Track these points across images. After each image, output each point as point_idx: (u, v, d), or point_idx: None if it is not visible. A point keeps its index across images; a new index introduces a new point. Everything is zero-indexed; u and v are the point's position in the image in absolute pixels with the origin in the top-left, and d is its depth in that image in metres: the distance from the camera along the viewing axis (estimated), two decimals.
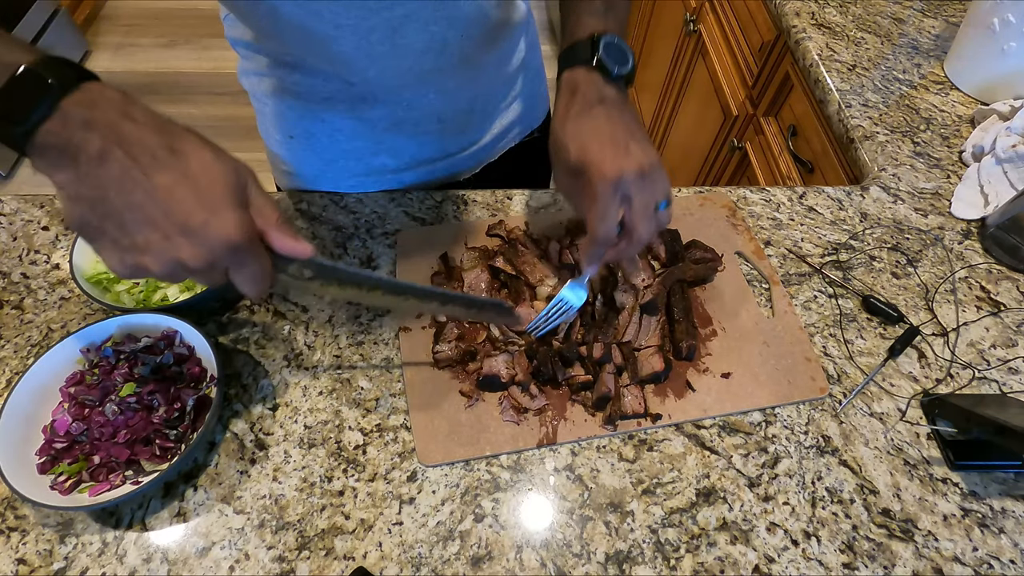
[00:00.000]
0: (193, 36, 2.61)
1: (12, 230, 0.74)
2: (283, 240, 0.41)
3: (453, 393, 0.62)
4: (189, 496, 0.56)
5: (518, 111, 0.87)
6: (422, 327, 0.67)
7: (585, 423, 0.61)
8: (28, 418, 0.56)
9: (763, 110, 1.22)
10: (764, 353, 0.66)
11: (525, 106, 0.88)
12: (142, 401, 0.57)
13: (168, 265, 0.37)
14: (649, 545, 0.55)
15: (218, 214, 0.37)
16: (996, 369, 0.67)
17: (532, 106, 0.90)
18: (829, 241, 0.77)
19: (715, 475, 0.59)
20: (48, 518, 0.54)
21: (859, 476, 0.59)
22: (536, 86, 0.89)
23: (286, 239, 0.41)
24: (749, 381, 0.64)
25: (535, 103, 0.90)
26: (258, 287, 0.41)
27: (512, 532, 0.55)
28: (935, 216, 0.81)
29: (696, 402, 0.62)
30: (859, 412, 0.63)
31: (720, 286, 0.72)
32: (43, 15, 2.20)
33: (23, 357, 0.63)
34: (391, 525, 0.55)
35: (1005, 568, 0.55)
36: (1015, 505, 0.58)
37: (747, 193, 0.82)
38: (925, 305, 0.72)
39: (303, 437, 0.59)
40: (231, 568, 0.52)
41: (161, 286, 0.67)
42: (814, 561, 0.54)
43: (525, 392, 0.61)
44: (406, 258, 0.72)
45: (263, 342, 0.66)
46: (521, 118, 0.88)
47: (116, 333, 0.61)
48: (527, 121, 0.90)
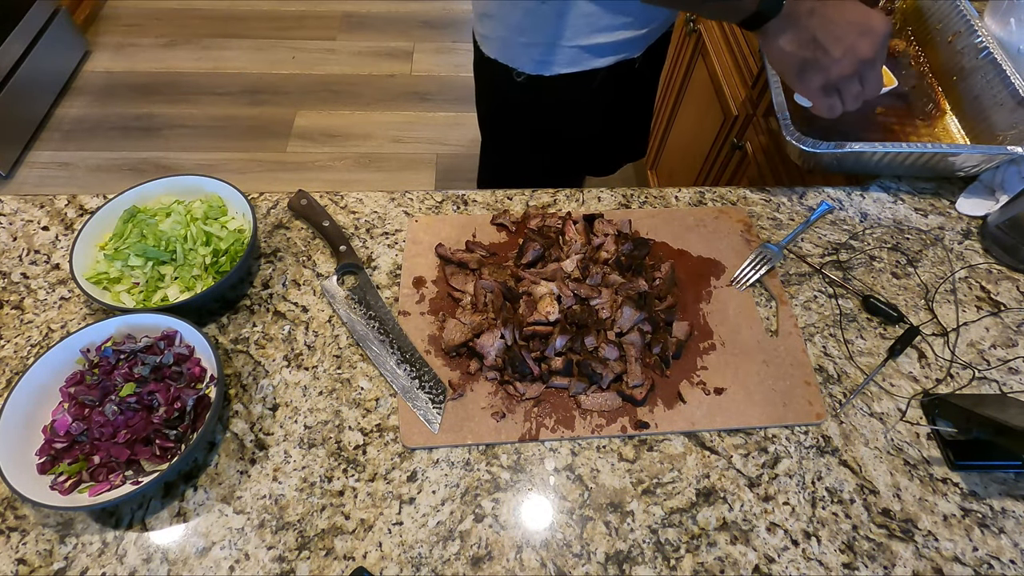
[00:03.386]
0: (193, 36, 2.61)
1: (12, 230, 0.74)
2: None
3: (443, 382, 0.63)
4: (189, 496, 0.56)
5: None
6: (420, 313, 0.68)
7: (572, 421, 0.61)
8: (28, 418, 0.56)
9: (763, 110, 1.21)
10: (762, 372, 0.65)
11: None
12: (142, 401, 0.57)
13: (852, 64, 0.63)
14: (649, 545, 0.55)
15: (872, 16, 0.63)
16: (996, 369, 0.67)
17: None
18: (829, 241, 0.77)
19: (715, 475, 0.59)
20: (48, 518, 0.54)
21: (859, 476, 0.59)
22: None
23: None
24: (742, 399, 0.63)
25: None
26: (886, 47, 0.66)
27: (512, 532, 0.55)
28: (935, 216, 0.81)
29: (685, 415, 0.62)
30: (859, 412, 0.63)
31: (725, 300, 0.71)
32: (43, 15, 2.20)
33: (23, 357, 0.63)
34: (391, 525, 0.55)
35: (1005, 568, 0.55)
36: (1015, 505, 0.58)
37: (747, 193, 0.82)
38: (925, 305, 0.72)
39: (303, 437, 0.59)
40: (231, 568, 0.52)
41: (161, 286, 0.67)
42: (814, 561, 0.54)
43: (515, 381, 0.62)
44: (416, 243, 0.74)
45: (263, 342, 0.66)
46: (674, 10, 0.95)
47: (116, 333, 0.61)
48: (675, 12, 0.95)
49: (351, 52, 2.60)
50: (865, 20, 0.63)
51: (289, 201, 0.76)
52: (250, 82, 2.46)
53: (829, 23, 0.62)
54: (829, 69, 0.64)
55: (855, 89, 0.66)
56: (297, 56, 2.57)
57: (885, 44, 0.64)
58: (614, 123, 1.06)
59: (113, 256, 0.67)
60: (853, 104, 0.67)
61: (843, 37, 0.62)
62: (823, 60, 0.63)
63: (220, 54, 2.56)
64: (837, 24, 0.62)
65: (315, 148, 2.27)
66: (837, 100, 0.67)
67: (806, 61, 0.64)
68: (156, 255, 0.67)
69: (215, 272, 0.68)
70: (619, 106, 1.02)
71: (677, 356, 0.66)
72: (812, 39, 0.63)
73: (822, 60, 0.63)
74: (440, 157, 2.26)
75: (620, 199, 0.81)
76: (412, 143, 2.31)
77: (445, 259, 0.72)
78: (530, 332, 0.64)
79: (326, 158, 2.25)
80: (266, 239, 0.74)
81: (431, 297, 0.69)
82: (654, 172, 1.92)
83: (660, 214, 0.79)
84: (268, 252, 0.73)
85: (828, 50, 0.63)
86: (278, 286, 0.70)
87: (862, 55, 0.63)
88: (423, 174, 2.22)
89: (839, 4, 0.63)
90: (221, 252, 0.69)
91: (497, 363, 0.63)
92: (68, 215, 0.75)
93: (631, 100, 1.05)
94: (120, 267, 0.66)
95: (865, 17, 0.63)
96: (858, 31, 0.62)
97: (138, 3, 2.72)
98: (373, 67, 2.55)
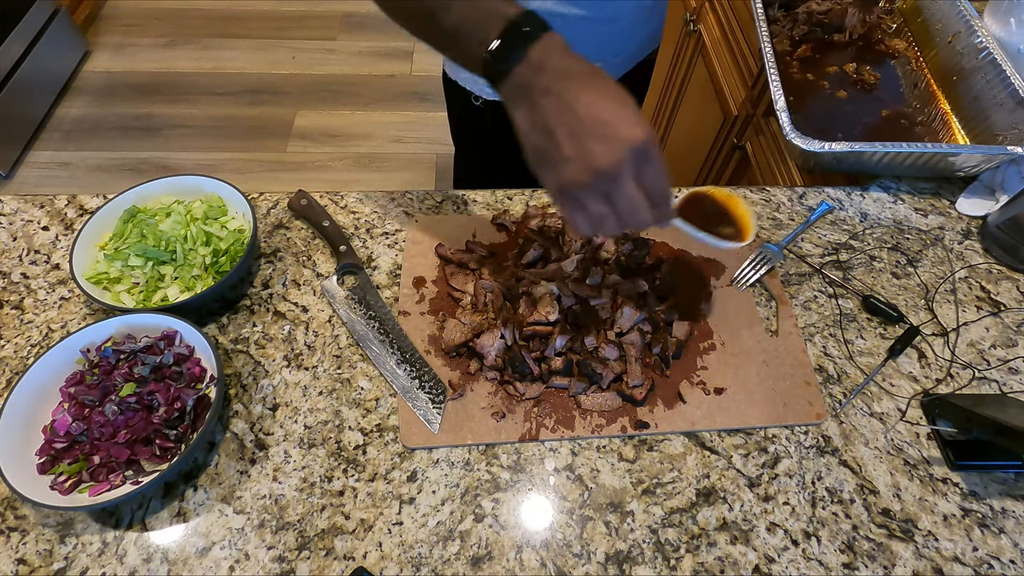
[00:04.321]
0: (193, 36, 2.60)
1: (12, 230, 0.74)
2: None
3: (443, 382, 0.63)
4: (189, 496, 0.56)
5: (657, 24, 0.91)
6: (420, 313, 0.68)
7: (572, 421, 0.61)
8: (28, 418, 0.56)
9: (763, 110, 1.21)
10: (762, 372, 0.65)
11: (660, 21, 0.91)
12: (142, 401, 0.57)
13: (585, 172, 0.45)
14: (649, 545, 0.55)
15: (625, 119, 0.44)
16: (996, 369, 0.67)
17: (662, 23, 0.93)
18: (829, 241, 0.77)
19: (715, 475, 0.59)
20: (48, 518, 0.54)
21: (859, 476, 0.59)
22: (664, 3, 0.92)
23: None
24: (742, 399, 0.63)
25: (662, 21, 0.93)
26: (664, 183, 0.48)
27: (512, 532, 0.55)
28: (935, 216, 0.81)
29: (685, 414, 0.62)
30: (859, 412, 0.63)
31: (725, 300, 0.71)
32: (43, 15, 2.20)
33: (23, 357, 0.63)
34: (391, 525, 0.55)
35: (1005, 568, 0.55)
36: (1015, 505, 0.58)
37: (747, 193, 0.82)
38: (925, 305, 0.72)
39: (303, 437, 0.59)
40: (231, 568, 0.52)
41: (161, 286, 0.67)
42: (814, 561, 0.54)
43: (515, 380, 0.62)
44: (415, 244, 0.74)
45: (263, 342, 0.66)
46: (655, 33, 0.92)
47: (116, 333, 0.61)
48: (657, 36, 0.94)
49: (351, 52, 2.60)
50: (613, 121, 0.44)
51: (289, 201, 0.76)
52: (250, 82, 2.46)
53: (566, 111, 0.45)
54: (559, 169, 0.46)
55: (596, 208, 0.47)
56: (297, 56, 2.57)
57: (639, 161, 0.45)
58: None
59: (113, 256, 0.67)
60: (608, 228, 0.49)
61: (579, 134, 0.45)
62: (554, 155, 0.46)
63: (220, 54, 2.56)
64: (576, 116, 0.44)
65: (315, 148, 2.27)
66: (581, 215, 0.48)
67: (539, 150, 0.47)
68: (156, 255, 0.67)
69: (215, 272, 0.68)
70: None
71: (677, 356, 0.66)
72: (544, 125, 0.46)
73: (553, 155, 0.46)
74: (440, 157, 2.26)
75: None
76: (412, 143, 2.31)
77: (445, 259, 0.72)
78: (530, 332, 0.64)
79: (326, 158, 2.24)
80: (266, 239, 0.74)
81: (431, 297, 0.69)
82: None
83: None
84: (268, 252, 0.73)
85: (560, 145, 0.45)
86: (278, 286, 0.70)
87: (597, 164, 0.44)
88: (423, 174, 2.22)
89: (591, 89, 0.45)
90: (221, 252, 0.69)
91: (497, 363, 0.63)
92: (68, 215, 0.75)
93: None
94: (120, 267, 0.66)
95: (616, 117, 0.44)
96: (599, 132, 0.44)
97: (138, 3, 2.72)
98: (373, 67, 2.55)
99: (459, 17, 0.49)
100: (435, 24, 0.51)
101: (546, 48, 0.46)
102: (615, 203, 0.47)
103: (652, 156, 0.46)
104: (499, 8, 0.47)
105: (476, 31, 0.48)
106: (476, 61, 0.48)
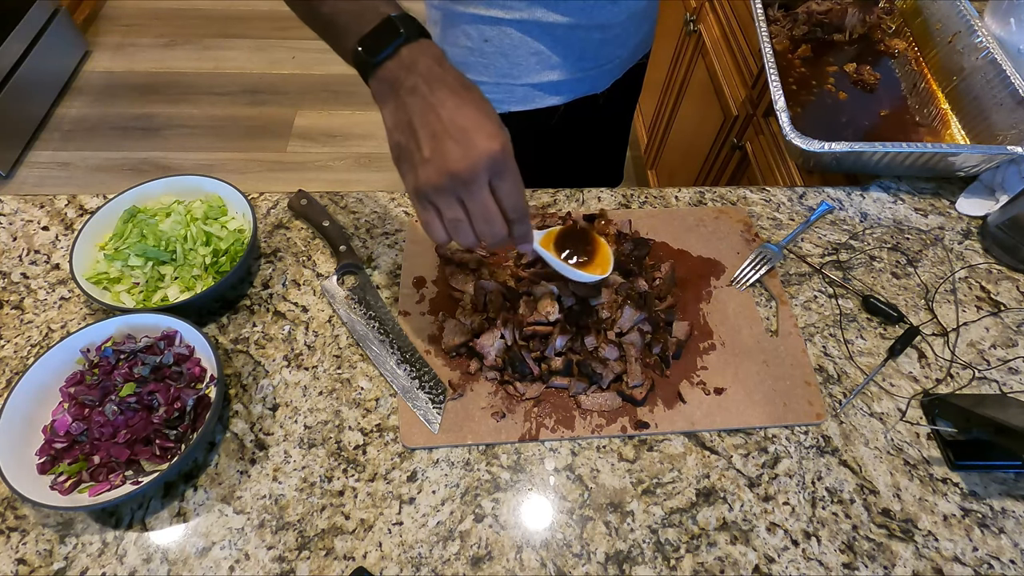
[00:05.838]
0: (193, 36, 2.61)
1: (12, 230, 0.74)
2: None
3: (443, 382, 0.63)
4: (189, 496, 0.56)
5: (648, 28, 0.91)
6: (421, 313, 0.68)
7: (572, 421, 0.61)
8: (28, 418, 0.56)
9: (763, 110, 1.21)
10: (762, 372, 0.65)
11: (651, 26, 0.93)
12: (142, 401, 0.57)
13: (440, 174, 0.45)
14: (649, 545, 0.55)
15: (485, 130, 0.45)
16: (996, 369, 0.67)
17: (653, 27, 0.95)
18: (829, 241, 0.77)
19: (715, 475, 0.59)
20: (48, 518, 0.54)
21: (859, 476, 0.59)
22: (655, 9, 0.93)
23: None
24: (743, 399, 0.63)
25: (654, 25, 0.95)
26: (520, 200, 0.48)
27: (512, 532, 0.55)
28: (935, 216, 0.81)
29: (685, 415, 0.62)
30: (859, 412, 0.63)
31: (725, 300, 0.71)
32: (43, 15, 2.20)
33: (23, 357, 0.63)
34: (391, 525, 0.55)
35: (1005, 568, 0.55)
36: (1015, 505, 0.58)
37: (747, 193, 0.82)
38: (925, 305, 0.72)
39: (303, 437, 0.59)
40: (231, 568, 0.52)
41: (161, 286, 0.67)
42: (814, 561, 0.54)
43: (515, 380, 0.62)
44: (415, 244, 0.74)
45: (263, 342, 0.66)
46: (647, 38, 0.93)
47: (116, 333, 0.61)
48: (649, 41, 0.94)
49: None
50: (472, 128, 0.45)
51: (289, 201, 0.76)
52: (250, 82, 2.46)
53: (430, 112, 0.45)
54: (417, 170, 0.47)
55: (450, 213, 0.48)
56: (297, 56, 2.57)
57: (494, 171, 0.46)
58: (579, 156, 1.03)
59: (113, 256, 0.67)
60: (464, 236, 0.49)
61: (438, 135, 0.45)
62: (414, 156, 0.47)
63: (220, 54, 2.56)
64: (438, 118, 0.45)
65: (315, 148, 2.27)
66: (435, 218, 0.48)
67: (400, 149, 0.48)
68: (156, 255, 0.67)
69: (215, 272, 0.68)
70: (584, 140, 0.99)
71: (677, 356, 0.66)
72: (408, 124, 0.47)
73: (413, 155, 0.47)
74: None
75: (620, 199, 0.81)
76: None
77: (445, 259, 0.72)
78: (530, 332, 0.64)
79: (326, 158, 2.24)
80: (266, 239, 0.74)
81: (431, 297, 0.69)
82: (654, 172, 1.92)
83: (660, 214, 0.79)
84: (268, 252, 0.73)
85: (420, 145, 0.46)
86: (278, 286, 0.70)
87: (451, 166, 0.45)
88: None
89: (457, 96, 0.46)
90: (221, 252, 0.69)
91: (497, 363, 0.63)
92: (68, 215, 0.75)
93: (598, 134, 1.03)
94: (120, 267, 0.66)
95: (476, 125, 0.45)
96: (457, 135, 0.45)
97: (138, 3, 2.72)
98: None
99: (336, 8, 0.51)
100: (312, 11, 0.53)
101: (419, 51, 0.47)
102: (468, 210, 0.47)
103: (508, 170, 0.46)
104: (377, 5, 0.49)
105: (351, 24, 0.49)
106: (349, 54, 0.50)
